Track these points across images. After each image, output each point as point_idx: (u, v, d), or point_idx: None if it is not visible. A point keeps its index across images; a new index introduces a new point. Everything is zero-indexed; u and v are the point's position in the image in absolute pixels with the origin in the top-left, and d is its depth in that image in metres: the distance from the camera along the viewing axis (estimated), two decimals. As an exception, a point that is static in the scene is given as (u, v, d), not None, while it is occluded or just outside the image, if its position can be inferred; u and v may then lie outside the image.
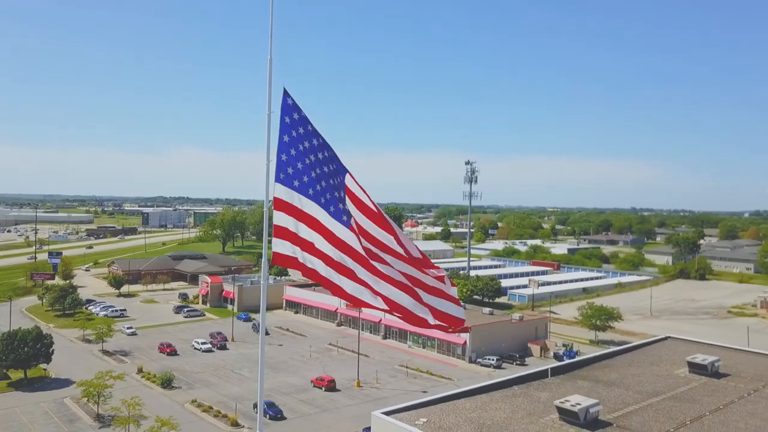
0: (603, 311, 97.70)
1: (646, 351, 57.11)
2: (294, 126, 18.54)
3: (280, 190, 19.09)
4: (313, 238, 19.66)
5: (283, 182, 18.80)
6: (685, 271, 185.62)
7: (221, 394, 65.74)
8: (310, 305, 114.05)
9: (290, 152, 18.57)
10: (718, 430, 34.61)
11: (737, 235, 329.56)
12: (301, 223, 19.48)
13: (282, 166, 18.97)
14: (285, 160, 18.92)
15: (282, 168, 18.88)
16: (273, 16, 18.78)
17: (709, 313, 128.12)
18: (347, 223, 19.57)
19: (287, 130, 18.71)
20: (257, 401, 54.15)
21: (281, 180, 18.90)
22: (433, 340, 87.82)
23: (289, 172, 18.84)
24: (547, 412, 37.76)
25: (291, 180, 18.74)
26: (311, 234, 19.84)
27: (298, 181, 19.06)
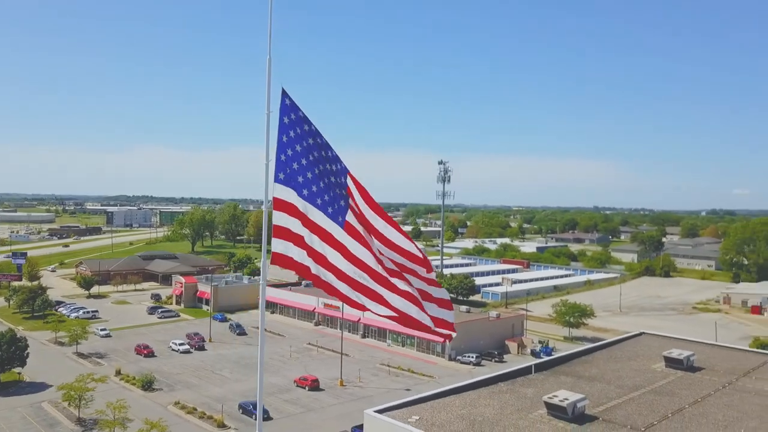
0: (576, 308, 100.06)
1: (622, 347, 58.41)
2: (292, 126, 18.70)
3: (280, 190, 19.23)
4: (312, 239, 19.94)
5: (282, 182, 18.97)
6: (651, 268, 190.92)
7: (204, 395, 65.21)
8: (287, 305, 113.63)
9: (288, 152, 18.73)
10: (699, 422, 35.81)
11: (698, 234, 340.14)
12: (301, 224, 19.71)
13: (281, 166, 19.10)
14: (284, 160, 19.06)
15: (281, 168, 19.03)
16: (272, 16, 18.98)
17: (675, 309, 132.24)
18: (341, 224, 19.89)
19: (286, 130, 18.87)
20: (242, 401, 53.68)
21: (281, 180, 19.06)
22: (413, 339, 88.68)
23: (288, 172, 18.98)
24: (535, 407, 38.49)
25: (290, 180, 18.93)
26: (310, 235, 20.07)
27: (297, 182, 19.27)
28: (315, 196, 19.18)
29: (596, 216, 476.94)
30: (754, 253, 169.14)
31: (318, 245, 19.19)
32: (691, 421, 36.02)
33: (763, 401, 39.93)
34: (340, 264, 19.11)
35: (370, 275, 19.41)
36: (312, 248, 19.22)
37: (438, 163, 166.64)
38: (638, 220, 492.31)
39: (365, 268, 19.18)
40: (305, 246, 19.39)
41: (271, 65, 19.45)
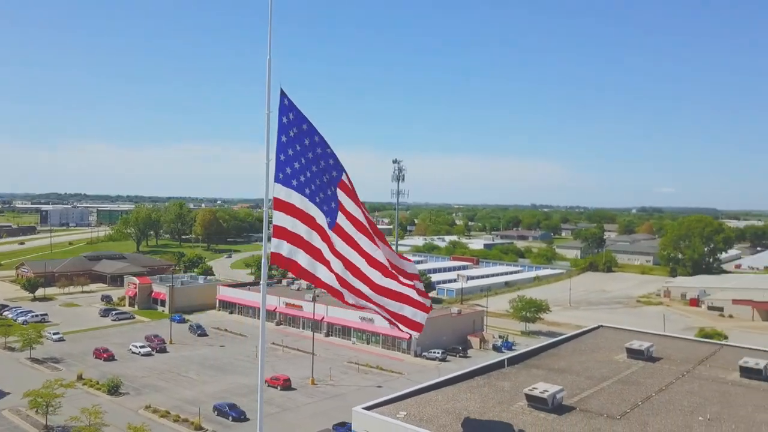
0: (533, 304, 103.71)
1: (583, 340, 60.63)
2: (291, 126, 19.20)
3: (279, 189, 19.65)
4: (311, 236, 20.44)
5: (282, 182, 19.43)
6: (594, 264, 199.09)
7: (174, 398, 64.13)
8: (246, 305, 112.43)
9: (288, 152, 19.24)
10: (667, 409, 38.16)
11: (634, 231, 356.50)
12: (300, 223, 20.19)
13: (281, 165, 19.54)
14: (283, 159, 19.53)
15: (281, 168, 19.48)
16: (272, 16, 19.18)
17: (621, 303, 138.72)
18: (331, 225, 20.64)
19: (285, 130, 19.32)
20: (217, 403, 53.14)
21: (280, 180, 19.51)
22: (378, 336, 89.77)
23: (287, 172, 19.49)
24: (515, 399, 39.81)
25: (290, 179, 19.43)
26: (309, 232, 20.56)
27: (296, 180, 19.72)
28: (314, 194, 19.82)
29: (538, 214, 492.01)
30: (689, 248, 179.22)
31: (316, 242, 19.84)
32: (659, 408, 38.32)
33: (721, 387, 42.64)
34: (331, 260, 19.86)
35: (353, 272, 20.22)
36: (311, 245, 19.83)
37: (392, 162, 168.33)
38: (575, 217, 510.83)
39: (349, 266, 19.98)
40: (303, 243, 19.94)
41: (270, 66, 19.75)
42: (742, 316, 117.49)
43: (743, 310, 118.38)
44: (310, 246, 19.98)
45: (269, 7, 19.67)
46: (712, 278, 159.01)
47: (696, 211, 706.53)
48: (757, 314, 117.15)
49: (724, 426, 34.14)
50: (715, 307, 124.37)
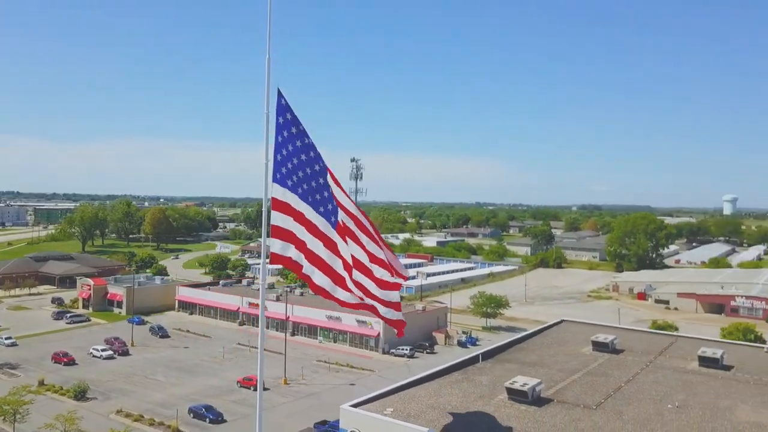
0: (493, 300, 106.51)
1: (548, 334, 62.59)
2: (287, 126, 19.86)
3: (277, 189, 20.20)
4: (305, 237, 21.02)
5: (279, 182, 20.02)
6: (545, 260, 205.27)
7: (145, 401, 62.90)
8: (207, 305, 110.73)
9: (284, 152, 19.87)
10: (637, 398, 40.07)
11: (579, 228, 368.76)
12: (295, 222, 20.77)
13: (277, 165, 20.12)
14: (280, 159, 20.11)
15: (278, 168, 20.06)
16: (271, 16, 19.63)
17: (573, 298, 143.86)
18: (334, 224, 21.25)
19: (281, 130, 19.95)
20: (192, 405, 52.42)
21: (277, 180, 20.08)
22: (345, 334, 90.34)
23: (283, 172, 20.08)
24: (494, 393, 40.97)
25: (285, 179, 20.05)
26: (304, 233, 21.12)
27: (291, 181, 20.36)
28: (307, 194, 20.41)
29: (485, 212, 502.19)
30: (635, 244, 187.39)
31: (310, 242, 20.38)
32: (630, 398, 40.33)
33: (683, 376, 45.21)
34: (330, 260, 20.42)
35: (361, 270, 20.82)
36: (304, 244, 20.37)
37: (351, 161, 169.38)
38: (519, 215, 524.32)
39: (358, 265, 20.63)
40: (299, 242, 20.46)
41: (269, 65, 20.10)
42: (687, 308, 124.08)
43: (688, 303, 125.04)
44: (304, 245, 20.48)
45: (268, 7, 20.00)
46: (656, 273, 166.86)
47: (631, 208, 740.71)
48: (701, 307, 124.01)
49: (692, 413, 36.42)
50: (661, 301, 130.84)
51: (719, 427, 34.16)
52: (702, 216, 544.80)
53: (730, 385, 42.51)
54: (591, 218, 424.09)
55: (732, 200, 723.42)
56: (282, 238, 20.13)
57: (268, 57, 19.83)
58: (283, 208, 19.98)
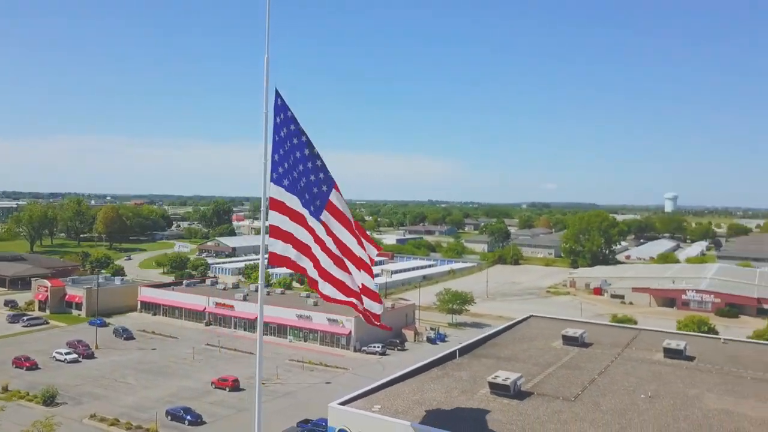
0: (459, 296, 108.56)
1: (519, 329, 64.08)
2: (284, 125, 20.34)
3: (274, 189, 20.67)
4: (299, 233, 21.41)
5: (276, 182, 20.50)
6: (503, 257, 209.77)
7: (118, 405, 61.68)
8: (171, 305, 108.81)
9: (281, 151, 20.40)
10: (612, 389, 41.58)
11: (533, 225, 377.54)
12: (292, 222, 21.23)
13: (275, 165, 20.57)
14: (277, 159, 20.57)
15: (275, 167, 20.53)
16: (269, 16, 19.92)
17: (533, 293, 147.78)
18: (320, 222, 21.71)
19: (278, 129, 20.43)
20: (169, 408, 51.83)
21: (274, 179, 20.54)
22: (316, 333, 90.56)
23: (280, 171, 20.60)
24: (476, 388, 41.88)
25: (282, 179, 20.57)
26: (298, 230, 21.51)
27: (287, 180, 20.85)
28: (301, 193, 20.91)
29: (440, 209, 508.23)
30: (589, 241, 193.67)
31: (305, 239, 20.88)
32: (605, 389, 42.03)
33: (651, 367, 47.45)
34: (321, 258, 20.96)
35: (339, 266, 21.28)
36: (299, 242, 20.86)
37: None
38: (473, 212, 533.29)
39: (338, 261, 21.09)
40: (295, 241, 20.93)
41: (268, 65, 20.36)
42: (641, 302, 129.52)
43: (642, 297, 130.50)
44: (299, 243, 20.92)
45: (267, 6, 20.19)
46: (610, 269, 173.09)
47: (577, 205, 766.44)
48: (654, 301, 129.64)
49: (664, 402, 38.45)
50: (617, 295, 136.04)
51: (691, 415, 36.16)
52: (645, 213, 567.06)
53: (695, 375, 44.89)
54: (543, 216, 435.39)
55: (673, 198, 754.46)
56: (281, 239, 20.41)
57: (267, 56, 20.04)
58: (280, 207, 20.26)
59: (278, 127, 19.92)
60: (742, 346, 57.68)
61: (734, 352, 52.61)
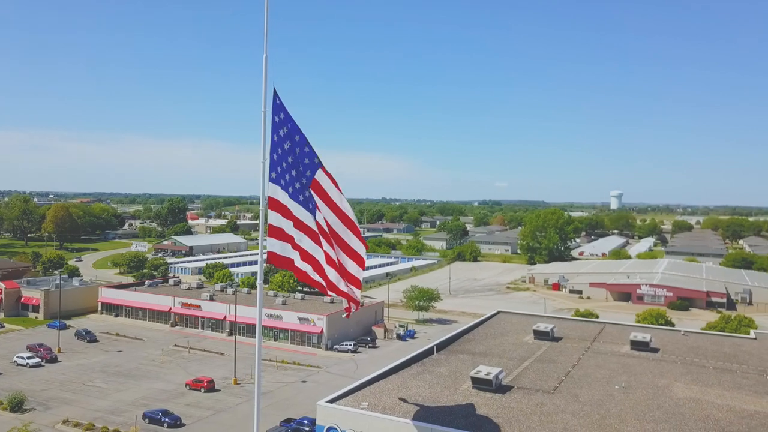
0: (425, 293, 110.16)
1: (490, 325, 65.35)
2: (281, 124, 20.73)
3: (272, 189, 21.05)
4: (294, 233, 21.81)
5: (274, 181, 20.88)
6: (462, 254, 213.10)
7: (90, 410, 60.32)
8: (134, 306, 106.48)
9: (279, 151, 20.79)
10: (587, 381, 42.94)
11: (488, 222, 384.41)
12: (288, 221, 21.67)
13: (273, 164, 20.97)
14: (276, 158, 20.95)
15: (273, 167, 20.93)
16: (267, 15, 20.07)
17: (493, 289, 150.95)
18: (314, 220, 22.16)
19: (276, 129, 20.80)
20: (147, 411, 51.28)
21: (273, 179, 20.92)
22: (286, 332, 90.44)
23: (278, 171, 20.97)
24: (458, 383, 42.73)
25: (279, 178, 20.95)
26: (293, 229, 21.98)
27: (284, 180, 21.27)
28: (297, 193, 21.32)
29: (396, 207, 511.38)
30: (546, 238, 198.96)
31: (300, 239, 21.26)
32: (581, 381, 43.61)
33: (620, 360, 49.51)
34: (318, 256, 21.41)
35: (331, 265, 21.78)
36: (296, 242, 21.21)
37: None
38: (428, 210, 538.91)
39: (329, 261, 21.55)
40: (290, 240, 21.27)
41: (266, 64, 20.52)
42: (598, 297, 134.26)
43: (599, 292, 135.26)
44: (296, 243, 21.27)
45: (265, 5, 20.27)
46: (566, 264, 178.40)
47: (528, 203, 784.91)
48: (610, 295, 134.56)
49: (637, 392, 40.40)
50: (575, 290, 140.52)
51: (663, 404, 38.27)
52: (592, 210, 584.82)
53: (661, 366, 47.28)
54: (497, 213, 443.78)
55: (618, 195, 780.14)
56: (279, 239, 20.58)
57: (265, 55, 20.04)
58: (277, 207, 20.31)
59: (277, 126, 19.86)
60: (701, 337, 60.87)
61: (694, 344, 55.53)
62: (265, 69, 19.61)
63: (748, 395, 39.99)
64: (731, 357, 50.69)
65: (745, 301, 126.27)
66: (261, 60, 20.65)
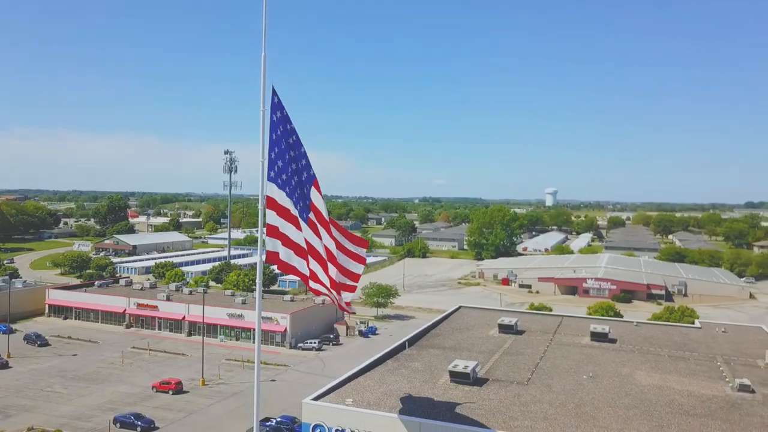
0: (384, 290, 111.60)
1: (453, 320, 66.25)
2: (279, 123, 21.25)
3: (271, 188, 21.48)
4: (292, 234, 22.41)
5: (272, 180, 21.35)
6: (411, 250, 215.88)
7: (55, 416, 58.40)
8: (85, 308, 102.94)
9: (276, 150, 21.28)
10: (557, 372, 44.32)
11: (433, 219, 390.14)
12: (285, 221, 22.21)
13: (271, 163, 21.43)
14: (273, 157, 21.42)
15: (272, 166, 21.40)
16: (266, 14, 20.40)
17: (445, 285, 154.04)
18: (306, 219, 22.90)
19: (275, 128, 21.27)
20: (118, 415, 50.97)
21: (271, 178, 21.35)
22: (249, 331, 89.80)
23: (276, 170, 21.44)
24: (436, 377, 43.56)
25: (277, 178, 21.42)
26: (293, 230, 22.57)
27: (281, 179, 21.80)
28: (292, 192, 21.91)
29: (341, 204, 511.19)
30: (492, 234, 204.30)
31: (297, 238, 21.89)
32: (550, 372, 45.12)
33: (583, 350, 51.87)
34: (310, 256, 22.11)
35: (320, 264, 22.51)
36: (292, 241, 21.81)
37: (224, 153, 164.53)
38: (371, 207, 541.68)
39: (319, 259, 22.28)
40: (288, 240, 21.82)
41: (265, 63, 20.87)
42: (547, 291, 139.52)
43: (547, 286, 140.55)
44: (292, 242, 21.80)
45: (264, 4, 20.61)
46: (513, 260, 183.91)
47: (466, 200, 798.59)
48: (558, 289, 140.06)
49: (604, 381, 42.76)
50: (524, 285, 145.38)
51: (630, 391, 40.77)
52: (528, 207, 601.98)
53: (621, 356, 50.12)
54: (441, 211, 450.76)
55: (553, 192, 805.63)
56: (276, 237, 20.91)
57: (264, 54, 20.34)
58: (275, 206, 20.44)
59: (275, 125, 19.81)
60: (652, 327, 64.69)
61: (647, 334, 59.04)
62: (263, 67, 19.57)
63: (704, 381, 43.13)
64: (682, 345, 54.26)
65: (681, 293, 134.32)
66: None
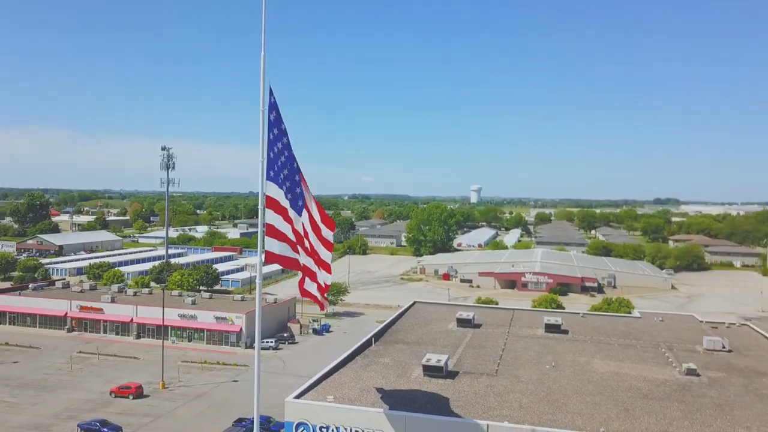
0: (334, 287, 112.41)
1: (410, 315, 66.66)
2: (276, 123, 22.13)
3: (270, 187, 22.20)
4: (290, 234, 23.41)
5: (272, 179, 22.18)
6: (351, 247, 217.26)
7: (9, 427, 55.87)
8: (21, 312, 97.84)
9: (274, 149, 21.91)
10: (522, 362, 46.14)
11: (369, 216, 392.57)
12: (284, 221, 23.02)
13: (270, 163, 22.09)
14: (272, 157, 22.12)
15: (270, 165, 22.15)
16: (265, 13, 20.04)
17: (389, 281, 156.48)
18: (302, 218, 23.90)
19: (272, 128, 21.78)
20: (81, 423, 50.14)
21: (271, 177, 22.09)
22: (202, 332, 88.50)
23: (275, 169, 22.20)
24: (408, 371, 44.33)
25: (276, 177, 22.21)
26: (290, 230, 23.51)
27: (280, 178, 22.68)
28: (288, 192, 22.85)
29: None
30: (431, 231, 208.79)
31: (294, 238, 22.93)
32: (515, 363, 46.37)
33: (540, 341, 54.26)
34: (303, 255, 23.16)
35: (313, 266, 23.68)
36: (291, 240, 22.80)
37: (161, 149, 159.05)
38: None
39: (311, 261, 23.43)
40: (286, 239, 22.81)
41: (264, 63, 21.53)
42: (487, 285, 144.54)
43: (487, 281, 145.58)
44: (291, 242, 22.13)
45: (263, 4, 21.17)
46: (451, 255, 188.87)
47: (393, 197, 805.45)
48: (498, 283, 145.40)
49: (566, 370, 45.15)
50: (465, 280, 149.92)
51: (592, 378, 43.44)
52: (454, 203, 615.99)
53: (576, 345, 53.14)
54: (374, 207, 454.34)
55: (478, 189, 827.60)
56: (277, 238, 20.86)
57: (263, 54, 20.80)
58: (275, 206, 20.60)
59: (272, 125, 19.92)
60: (596, 318, 68.59)
61: (594, 324, 62.65)
62: (262, 67, 19.16)
63: (654, 366, 46.76)
64: (627, 334, 58.13)
65: (611, 285, 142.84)
66: None
